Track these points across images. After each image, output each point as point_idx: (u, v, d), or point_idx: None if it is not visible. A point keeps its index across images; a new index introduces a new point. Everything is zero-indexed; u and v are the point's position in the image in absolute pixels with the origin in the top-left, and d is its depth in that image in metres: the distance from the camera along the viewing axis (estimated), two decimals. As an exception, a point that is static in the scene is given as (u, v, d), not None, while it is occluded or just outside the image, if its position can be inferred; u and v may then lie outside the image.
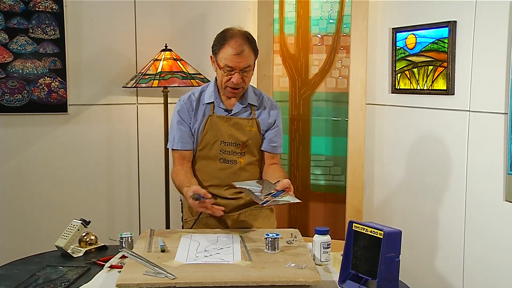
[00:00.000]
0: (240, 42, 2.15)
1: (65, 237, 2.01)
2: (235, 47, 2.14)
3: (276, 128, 2.34)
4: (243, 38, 2.18)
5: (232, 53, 2.14)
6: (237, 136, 2.24)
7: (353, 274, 1.68)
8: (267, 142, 2.32)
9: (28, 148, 3.21)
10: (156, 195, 3.40)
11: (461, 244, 2.53)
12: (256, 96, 2.33)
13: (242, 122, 2.26)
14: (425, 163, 2.74)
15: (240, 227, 2.26)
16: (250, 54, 2.18)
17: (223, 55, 2.17)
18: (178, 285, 1.61)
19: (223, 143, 2.25)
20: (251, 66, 2.21)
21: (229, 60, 2.15)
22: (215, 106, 2.27)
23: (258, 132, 2.29)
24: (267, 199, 1.93)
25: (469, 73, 2.45)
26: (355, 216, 3.13)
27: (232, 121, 2.26)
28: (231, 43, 2.15)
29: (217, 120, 2.24)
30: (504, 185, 2.27)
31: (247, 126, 2.27)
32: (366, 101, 3.12)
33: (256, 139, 2.29)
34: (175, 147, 2.30)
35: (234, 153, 2.26)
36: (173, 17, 3.41)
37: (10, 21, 3.07)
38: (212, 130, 2.24)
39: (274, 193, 1.97)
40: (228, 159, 2.26)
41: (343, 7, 3.28)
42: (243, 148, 2.26)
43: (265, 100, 2.34)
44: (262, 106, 2.32)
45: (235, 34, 2.18)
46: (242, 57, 2.15)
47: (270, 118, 2.32)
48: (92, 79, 3.28)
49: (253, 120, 2.28)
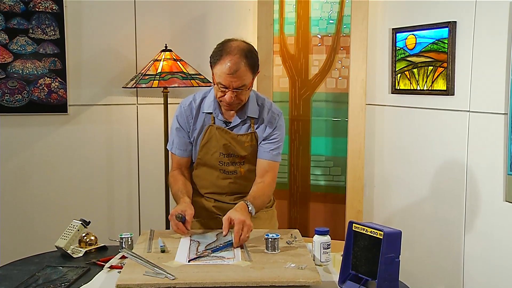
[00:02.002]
0: (235, 61, 2.00)
1: (65, 237, 2.01)
2: (230, 66, 2.00)
3: (275, 138, 2.21)
4: (240, 55, 2.02)
5: (226, 72, 2.00)
6: (236, 150, 2.19)
7: (353, 274, 1.68)
8: (264, 149, 2.21)
9: (28, 149, 3.21)
10: (156, 195, 3.40)
11: (461, 244, 2.53)
12: (258, 106, 2.22)
13: (240, 138, 2.18)
14: (425, 163, 2.74)
15: None
16: (246, 73, 2.03)
17: (217, 71, 2.05)
18: (178, 285, 1.61)
19: (222, 155, 2.21)
20: (247, 85, 2.06)
21: (223, 78, 2.02)
22: (214, 117, 2.20)
23: (257, 145, 2.22)
24: (200, 254, 1.86)
25: (469, 74, 2.45)
26: (355, 216, 3.13)
27: (231, 135, 2.18)
28: (226, 60, 2.01)
29: (216, 132, 2.18)
30: (504, 185, 2.27)
31: (245, 142, 2.19)
32: (366, 102, 3.12)
33: (255, 151, 2.22)
34: (172, 151, 2.29)
35: (234, 163, 2.22)
36: (173, 17, 3.40)
37: (10, 21, 3.07)
38: (212, 141, 2.19)
39: (217, 248, 1.90)
40: (228, 170, 2.23)
41: (343, 8, 3.28)
42: (242, 158, 2.22)
43: (265, 111, 2.22)
44: (261, 118, 2.21)
45: (233, 50, 2.03)
46: (236, 76, 2.01)
47: (268, 130, 2.20)
48: (92, 80, 3.28)
49: (252, 134, 2.20)
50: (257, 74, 2.13)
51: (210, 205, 2.27)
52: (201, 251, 1.89)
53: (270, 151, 2.21)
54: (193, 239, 2.04)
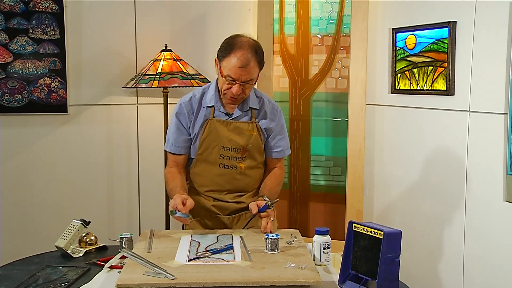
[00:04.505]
0: (246, 55, 2.08)
1: (65, 237, 2.01)
2: (241, 60, 2.07)
3: (280, 134, 2.31)
4: (251, 50, 2.10)
5: (237, 65, 2.08)
6: (237, 141, 2.21)
7: (353, 274, 1.68)
8: (271, 149, 2.30)
9: (28, 149, 3.21)
10: (156, 195, 3.40)
11: (461, 244, 2.53)
12: (257, 98, 2.28)
13: (242, 126, 2.22)
14: (425, 163, 2.74)
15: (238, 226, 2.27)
16: (255, 68, 2.12)
17: (227, 64, 2.10)
18: (178, 285, 1.61)
19: (223, 148, 2.21)
20: (254, 79, 2.16)
21: (233, 71, 2.09)
22: (215, 110, 2.22)
23: (258, 135, 2.24)
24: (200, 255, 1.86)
25: (469, 74, 2.45)
26: (355, 216, 3.13)
27: (232, 125, 2.22)
28: (237, 54, 2.08)
29: (216, 125, 2.21)
30: (504, 185, 2.27)
31: (247, 130, 2.22)
32: (366, 102, 3.12)
33: (257, 142, 2.24)
34: (168, 150, 2.29)
35: (234, 158, 2.23)
36: (173, 17, 3.41)
37: (10, 21, 3.07)
38: (212, 135, 2.21)
39: (217, 250, 1.90)
40: (227, 165, 2.23)
41: (343, 8, 3.28)
42: (243, 153, 2.23)
43: (266, 103, 2.29)
44: (263, 110, 2.27)
45: (244, 44, 2.11)
46: (247, 70, 2.09)
47: (272, 123, 2.27)
48: (92, 80, 3.28)
49: (253, 124, 2.24)
50: (261, 70, 2.20)
51: (209, 204, 2.27)
52: (201, 252, 1.89)
53: (276, 152, 2.31)
54: (193, 239, 2.04)
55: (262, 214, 2.10)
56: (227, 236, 2.08)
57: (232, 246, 1.94)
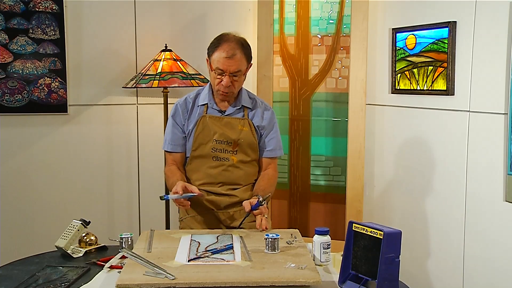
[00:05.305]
0: (232, 46, 2.22)
1: (65, 237, 2.01)
2: (227, 50, 2.21)
3: (271, 133, 2.38)
4: (237, 43, 2.25)
5: (224, 56, 2.21)
6: (228, 135, 2.29)
7: (353, 274, 1.68)
8: (263, 148, 2.37)
9: (28, 149, 3.21)
10: (156, 195, 3.37)
11: (461, 244, 2.53)
12: (251, 99, 2.39)
13: (234, 121, 2.32)
14: (425, 163, 2.74)
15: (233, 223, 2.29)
16: (241, 59, 2.24)
17: (215, 57, 2.23)
18: (178, 285, 1.62)
19: (215, 141, 2.30)
20: (242, 71, 2.26)
21: (221, 62, 2.21)
22: (208, 107, 2.33)
23: (250, 132, 2.33)
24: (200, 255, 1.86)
25: (469, 74, 2.45)
26: (355, 216, 3.13)
27: (224, 120, 2.31)
28: (224, 46, 2.22)
29: (209, 121, 2.30)
30: (504, 185, 2.27)
31: (238, 125, 2.32)
32: (366, 102, 3.12)
33: (249, 138, 2.32)
34: (166, 149, 2.39)
35: (226, 151, 2.31)
36: (173, 17, 3.41)
37: (10, 21, 3.07)
38: (205, 131, 2.30)
39: (217, 250, 1.90)
40: (220, 157, 2.31)
41: (343, 8, 3.28)
42: (235, 147, 2.31)
43: (259, 103, 2.40)
44: (256, 109, 2.37)
45: (230, 38, 2.25)
46: (233, 60, 2.21)
47: (264, 121, 2.37)
48: (92, 80, 3.28)
49: (245, 120, 2.33)
50: (250, 66, 2.32)
51: (203, 199, 2.30)
52: (201, 252, 1.89)
53: (267, 151, 2.38)
54: (193, 239, 2.04)
55: (255, 212, 2.15)
56: (227, 236, 2.08)
57: (232, 246, 1.95)
